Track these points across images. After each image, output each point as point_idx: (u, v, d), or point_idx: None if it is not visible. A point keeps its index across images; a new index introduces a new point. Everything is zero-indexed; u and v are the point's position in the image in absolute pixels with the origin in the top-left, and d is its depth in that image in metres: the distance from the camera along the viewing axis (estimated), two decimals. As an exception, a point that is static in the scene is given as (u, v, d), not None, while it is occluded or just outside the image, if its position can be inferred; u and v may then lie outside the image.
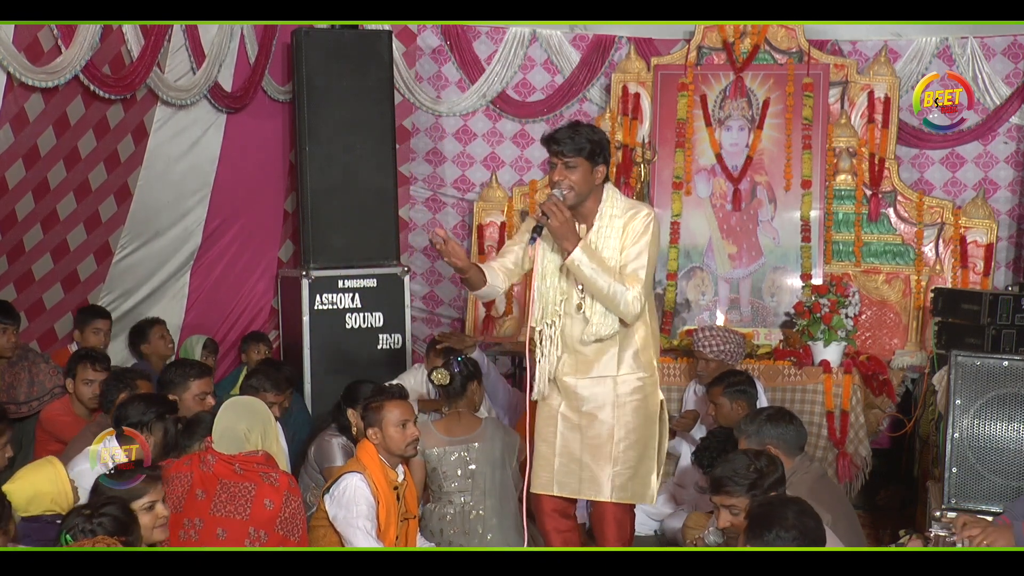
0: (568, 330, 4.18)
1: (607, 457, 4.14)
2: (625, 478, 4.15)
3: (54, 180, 5.52)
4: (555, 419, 4.23)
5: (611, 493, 4.14)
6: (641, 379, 4.18)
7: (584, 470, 4.17)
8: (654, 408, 4.23)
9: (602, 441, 4.14)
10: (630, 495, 4.19)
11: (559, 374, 4.22)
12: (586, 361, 4.18)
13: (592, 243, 4.05)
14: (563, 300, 4.16)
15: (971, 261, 6.55)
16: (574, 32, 7.22)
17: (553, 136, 4.07)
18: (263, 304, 7.03)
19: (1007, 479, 3.92)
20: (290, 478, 4.14)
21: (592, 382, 4.17)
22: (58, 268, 5.81)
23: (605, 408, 4.15)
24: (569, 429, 4.20)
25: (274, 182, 6.93)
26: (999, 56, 6.85)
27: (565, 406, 4.22)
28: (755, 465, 3.66)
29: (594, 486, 4.17)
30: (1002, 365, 4.01)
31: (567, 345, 4.19)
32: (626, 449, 4.15)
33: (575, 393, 4.20)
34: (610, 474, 4.13)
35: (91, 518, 3.30)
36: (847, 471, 5.75)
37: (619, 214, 4.11)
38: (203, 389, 4.83)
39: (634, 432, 4.16)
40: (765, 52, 6.82)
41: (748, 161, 6.79)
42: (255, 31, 6.33)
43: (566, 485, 4.22)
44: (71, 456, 4.38)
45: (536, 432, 4.28)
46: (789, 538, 3.15)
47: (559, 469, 4.21)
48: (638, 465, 4.17)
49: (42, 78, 4.92)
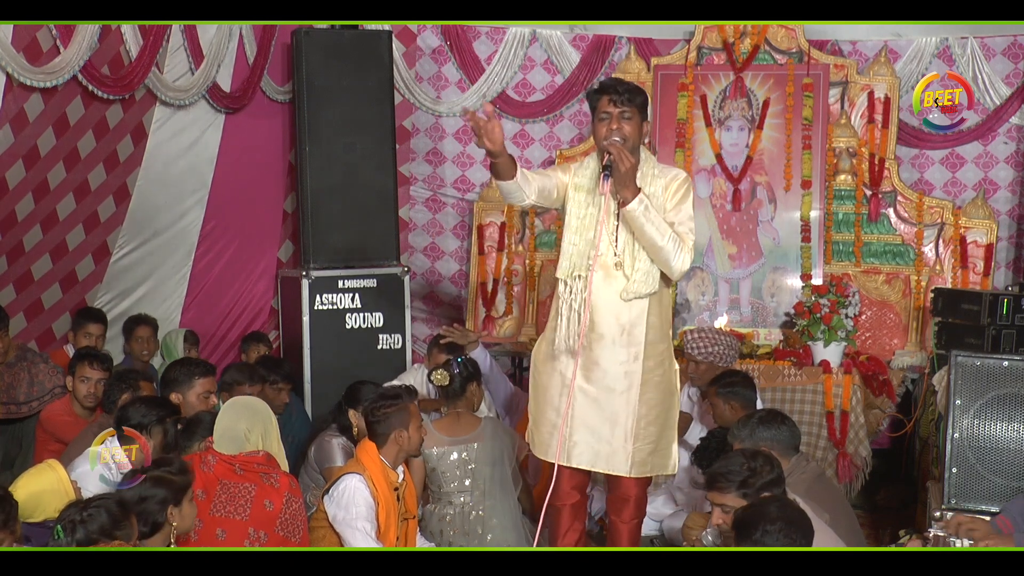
0: (598, 290, 4.05)
1: (628, 433, 4.09)
2: (646, 453, 4.13)
3: (53, 180, 5.53)
4: (568, 390, 4.09)
5: (630, 468, 4.11)
6: (665, 349, 4.18)
7: (602, 443, 4.10)
8: (674, 380, 4.25)
9: (624, 417, 4.08)
10: (650, 468, 4.18)
11: (585, 338, 4.05)
12: (616, 326, 4.07)
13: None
14: (593, 256, 4.02)
15: (971, 261, 6.54)
16: (574, 32, 7.22)
17: (614, 84, 4.02)
18: (263, 304, 7.03)
19: (1007, 479, 3.92)
20: (291, 479, 4.14)
21: (619, 352, 4.07)
22: (57, 268, 5.81)
23: (631, 385, 4.08)
24: (587, 402, 4.10)
25: (274, 182, 6.93)
26: (999, 56, 6.85)
27: (582, 377, 4.10)
28: (749, 464, 3.67)
29: (613, 461, 4.11)
30: (1002, 365, 4.01)
31: (596, 306, 4.06)
32: (647, 425, 4.12)
33: (596, 364, 4.09)
34: (630, 450, 4.09)
35: (83, 511, 3.30)
36: (847, 471, 5.75)
37: (658, 174, 4.09)
38: (207, 388, 4.81)
39: (656, 407, 4.14)
40: (765, 52, 6.82)
41: (748, 161, 6.79)
42: (254, 31, 6.33)
43: (580, 456, 4.12)
44: (72, 456, 4.38)
45: (541, 393, 4.20)
46: (775, 530, 3.16)
47: (575, 440, 4.11)
48: (659, 439, 4.16)
49: (41, 78, 4.92)
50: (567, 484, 4.19)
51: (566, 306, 4.07)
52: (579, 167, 4.18)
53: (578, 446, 4.11)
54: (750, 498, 3.57)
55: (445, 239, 7.44)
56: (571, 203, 4.11)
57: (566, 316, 4.07)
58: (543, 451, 4.20)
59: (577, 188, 4.11)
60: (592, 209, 4.05)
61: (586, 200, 4.08)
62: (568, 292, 4.07)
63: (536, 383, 4.26)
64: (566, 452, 4.11)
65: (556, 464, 4.06)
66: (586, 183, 4.11)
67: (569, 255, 4.07)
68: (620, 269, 4.04)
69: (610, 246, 4.04)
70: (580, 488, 4.28)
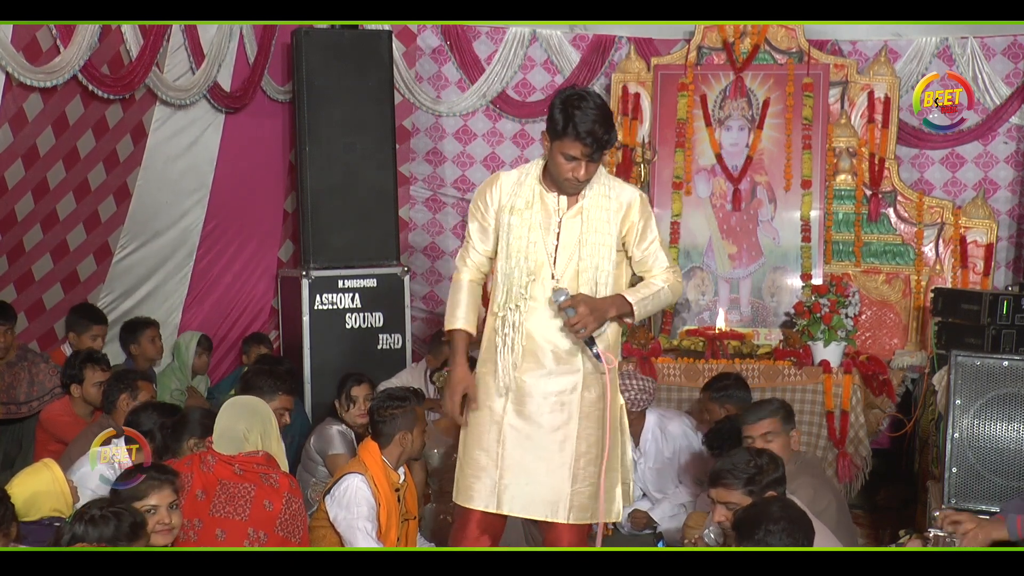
0: (535, 318, 3.65)
1: (567, 474, 3.62)
2: (585, 496, 3.65)
3: (53, 180, 5.53)
4: (498, 426, 3.66)
5: (568, 514, 3.63)
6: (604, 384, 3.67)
7: (536, 486, 3.64)
8: (617, 414, 3.74)
9: (561, 455, 3.63)
10: (590, 515, 3.67)
11: (519, 371, 3.65)
12: (553, 353, 3.64)
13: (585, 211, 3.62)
14: (530, 282, 3.64)
15: (971, 261, 6.55)
16: (574, 32, 7.22)
17: (604, 138, 3.50)
18: (263, 304, 7.03)
19: (1007, 479, 3.92)
20: (290, 479, 4.13)
21: (556, 382, 3.64)
22: (58, 268, 5.81)
23: (569, 419, 3.64)
24: (519, 439, 3.64)
25: (274, 182, 6.93)
26: (999, 56, 6.85)
27: (513, 413, 3.65)
28: (755, 461, 3.68)
29: (548, 506, 3.64)
30: (1002, 365, 4.01)
31: (531, 334, 3.65)
32: (587, 465, 3.65)
33: (530, 396, 3.64)
34: (568, 493, 3.62)
35: (102, 517, 3.31)
36: (847, 471, 5.75)
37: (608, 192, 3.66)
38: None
39: (596, 445, 3.67)
40: (765, 52, 6.82)
41: (748, 161, 6.79)
42: (254, 31, 6.33)
43: (512, 501, 3.65)
44: (72, 456, 4.39)
45: (470, 431, 3.72)
46: (778, 530, 3.18)
47: (505, 484, 3.64)
48: (597, 481, 3.66)
49: (41, 78, 4.92)
50: (476, 528, 3.70)
51: (501, 340, 3.67)
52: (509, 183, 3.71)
53: (509, 489, 3.64)
54: (755, 496, 3.58)
55: (445, 239, 7.44)
56: (503, 229, 3.68)
57: (503, 352, 3.66)
58: (466, 497, 3.69)
59: (513, 211, 3.67)
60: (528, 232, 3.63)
61: (522, 222, 3.65)
62: (503, 325, 3.67)
63: (468, 425, 3.76)
64: (496, 497, 3.65)
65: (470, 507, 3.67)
66: (522, 203, 3.66)
67: (503, 286, 3.67)
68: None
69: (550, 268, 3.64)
70: (493, 535, 3.75)
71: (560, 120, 3.49)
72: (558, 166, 3.56)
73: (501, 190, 3.71)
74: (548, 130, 3.55)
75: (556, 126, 3.50)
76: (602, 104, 3.53)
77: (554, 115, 3.52)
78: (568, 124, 3.47)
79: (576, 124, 3.46)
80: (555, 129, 3.51)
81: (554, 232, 3.65)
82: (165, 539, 3.62)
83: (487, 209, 3.72)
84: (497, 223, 3.70)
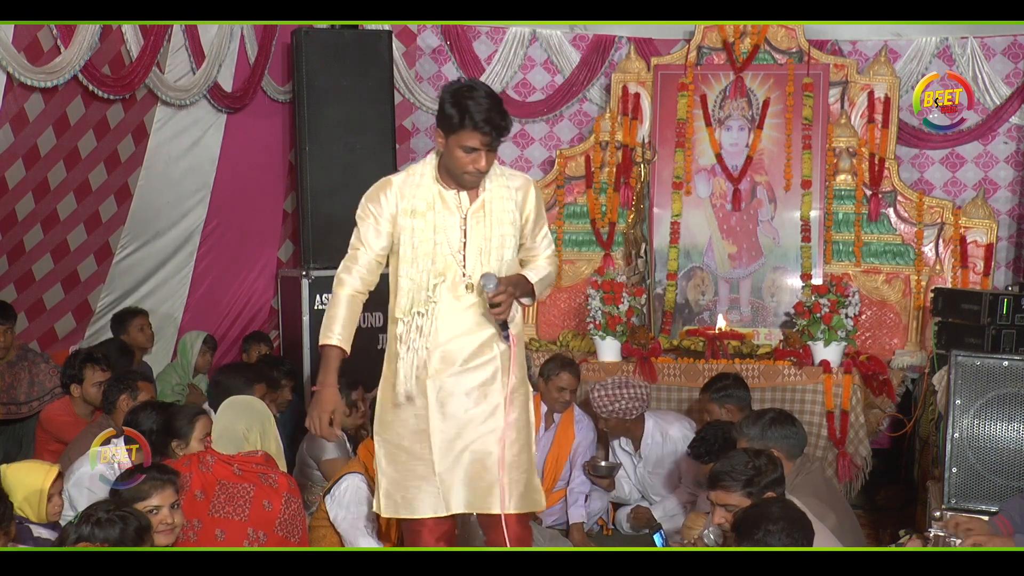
0: (443, 319, 3.55)
1: (500, 462, 3.53)
2: (522, 485, 3.59)
3: (54, 180, 5.53)
4: (426, 433, 3.55)
5: (510, 502, 3.54)
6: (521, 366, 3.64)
7: (477, 482, 3.55)
8: (529, 397, 3.70)
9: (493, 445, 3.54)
10: (529, 503, 3.61)
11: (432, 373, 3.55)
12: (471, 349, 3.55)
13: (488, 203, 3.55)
14: (438, 284, 3.55)
15: (971, 261, 6.54)
16: (574, 32, 7.22)
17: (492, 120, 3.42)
18: (263, 304, 7.03)
19: (1007, 479, 3.93)
20: (289, 479, 4.14)
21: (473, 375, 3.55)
22: (58, 268, 5.81)
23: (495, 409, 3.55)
24: (449, 443, 3.54)
25: (274, 182, 6.94)
26: (999, 56, 6.86)
27: (438, 417, 3.54)
28: (754, 463, 3.66)
29: (490, 498, 3.54)
30: (1002, 365, 4.01)
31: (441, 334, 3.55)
32: (519, 452, 3.58)
33: (451, 395, 3.54)
34: (506, 482, 3.53)
35: (108, 520, 3.31)
36: (847, 471, 5.74)
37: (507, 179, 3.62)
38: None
39: (524, 430, 3.62)
40: (765, 52, 6.82)
41: (748, 161, 6.79)
42: (255, 31, 6.33)
43: (458, 499, 3.56)
44: (72, 457, 4.39)
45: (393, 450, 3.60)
46: (778, 530, 3.17)
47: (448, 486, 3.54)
48: (530, 469, 3.62)
49: (42, 78, 4.93)
50: (430, 536, 3.61)
51: (404, 347, 3.57)
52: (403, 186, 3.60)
53: (453, 489, 3.55)
54: (754, 497, 3.57)
55: (445, 239, 7.43)
56: (404, 233, 3.56)
57: (407, 358, 3.56)
58: (411, 508, 3.58)
59: (414, 214, 3.56)
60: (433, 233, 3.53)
61: (425, 224, 3.54)
62: (407, 331, 3.57)
63: (385, 440, 3.63)
64: (444, 500, 3.55)
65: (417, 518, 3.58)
66: (422, 204, 3.55)
67: (408, 291, 3.57)
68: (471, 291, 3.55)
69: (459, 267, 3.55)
70: (448, 540, 3.68)
71: (454, 114, 3.41)
72: (456, 160, 3.47)
73: (397, 194, 3.59)
74: (441, 126, 3.47)
75: (451, 120, 3.42)
76: (492, 92, 3.48)
77: (446, 110, 3.44)
78: (464, 116, 3.40)
79: (472, 115, 3.39)
80: (450, 124, 3.43)
81: (460, 230, 3.55)
82: (168, 539, 3.63)
83: (381, 213, 3.60)
84: (395, 227, 3.59)
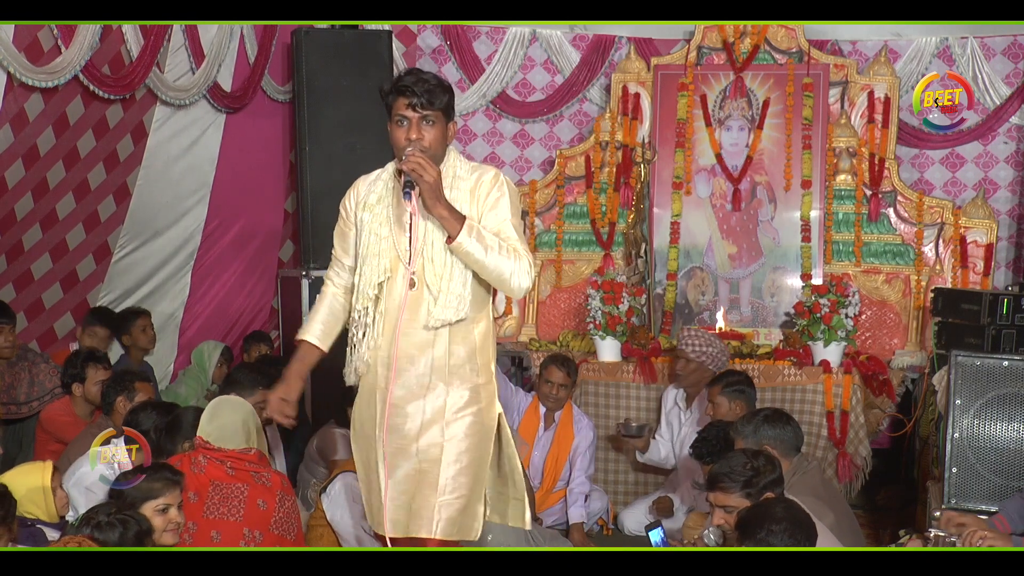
0: (393, 319, 3.38)
1: (432, 484, 3.36)
2: (454, 509, 3.38)
3: (53, 180, 5.53)
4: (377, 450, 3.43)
5: (435, 527, 3.36)
6: (476, 388, 3.41)
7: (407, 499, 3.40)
8: (491, 423, 3.46)
9: (429, 466, 3.38)
10: (457, 530, 3.40)
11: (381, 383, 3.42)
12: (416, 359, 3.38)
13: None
14: (385, 280, 3.40)
15: (971, 261, 6.54)
16: (574, 32, 7.22)
17: (411, 85, 3.30)
18: (263, 304, 7.03)
19: (1007, 479, 3.93)
20: (283, 477, 4.12)
21: (421, 388, 3.38)
22: (57, 268, 5.81)
23: (433, 424, 3.38)
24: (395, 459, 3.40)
25: (274, 182, 6.94)
26: (999, 56, 6.86)
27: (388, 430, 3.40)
28: (752, 464, 3.66)
29: (418, 520, 3.38)
30: (1002, 365, 4.01)
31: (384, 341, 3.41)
32: (457, 475, 3.38)
33: (398, 408, 3.40)
34: (436, 505, 3.36)
35: (109, 523, 3.31)
36: (847, 471, 5.74)
37: (464, 175, 3.42)
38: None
39: (466, 454, 3.39)
40: (765, 52, 6.82)
41: (748, 161, 6.79)
42: (255, 31, 6.33)
43: (396, 523, 3.42)
44: (71, 457, 4.39)
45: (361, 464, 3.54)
46: (780, 530, 3.17)
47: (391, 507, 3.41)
48: (470, 495, 3.40)
49: (42, 78, 4.92)
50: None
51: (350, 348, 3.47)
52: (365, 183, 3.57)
53: (392, 511, 3.41)
54: (753, 498, 3.57)
55: (445, 239, 7.43)
56: (362, 228, 3.47)
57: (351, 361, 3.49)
58: (376, 522, 3.52)
59: (366, 207, 3.48)
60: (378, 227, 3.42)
61: (369, 219, 3.44)
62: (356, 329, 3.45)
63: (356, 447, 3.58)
64: (389, 520, 3.41)
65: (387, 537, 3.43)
66: (373, 198, 3.48)
67: (359, 287, 3.42)
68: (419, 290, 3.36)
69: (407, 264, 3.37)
70: None
71: (387, 90, 3.39)
72: (394, 139, 3.38)
73: (358, 192, 3.55)
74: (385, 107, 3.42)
75: (386, 99, 3.39)
76: (426, 71, 3.43)
77: (383, 96, 3.40)
78: (392, 87, 3.36)
79: (400, 81, 3.35)
80: (387, 105, 3.39)
81: (406, 224, 3.40)
82: (174, 538, 3.63)
83: (348, 215, 3.56)
84: (356, 226, 3.52)
